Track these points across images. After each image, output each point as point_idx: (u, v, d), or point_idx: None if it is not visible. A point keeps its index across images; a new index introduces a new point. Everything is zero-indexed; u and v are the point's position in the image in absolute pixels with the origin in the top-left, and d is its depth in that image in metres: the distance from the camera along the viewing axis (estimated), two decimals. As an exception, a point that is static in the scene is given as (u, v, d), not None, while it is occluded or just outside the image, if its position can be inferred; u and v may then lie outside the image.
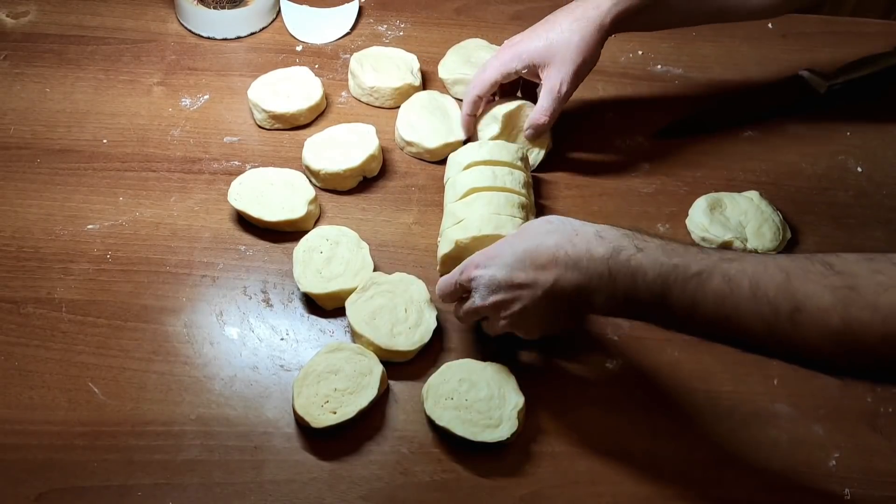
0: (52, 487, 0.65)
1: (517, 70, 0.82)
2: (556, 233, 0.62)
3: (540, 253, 0.62)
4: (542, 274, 0.62)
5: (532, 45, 0.80)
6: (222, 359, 0.73)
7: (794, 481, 0.68)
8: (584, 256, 0.60)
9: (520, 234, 0.66)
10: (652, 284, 0.58)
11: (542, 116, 0.82)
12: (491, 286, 0.64)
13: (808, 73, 0.96)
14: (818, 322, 0.53)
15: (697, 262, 0.57)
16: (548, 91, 0.81)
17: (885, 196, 0.89)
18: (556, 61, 0.79)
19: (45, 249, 0.80)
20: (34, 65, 0.96)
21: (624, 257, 0.59)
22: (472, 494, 0.67)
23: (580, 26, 0.79)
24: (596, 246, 0.60)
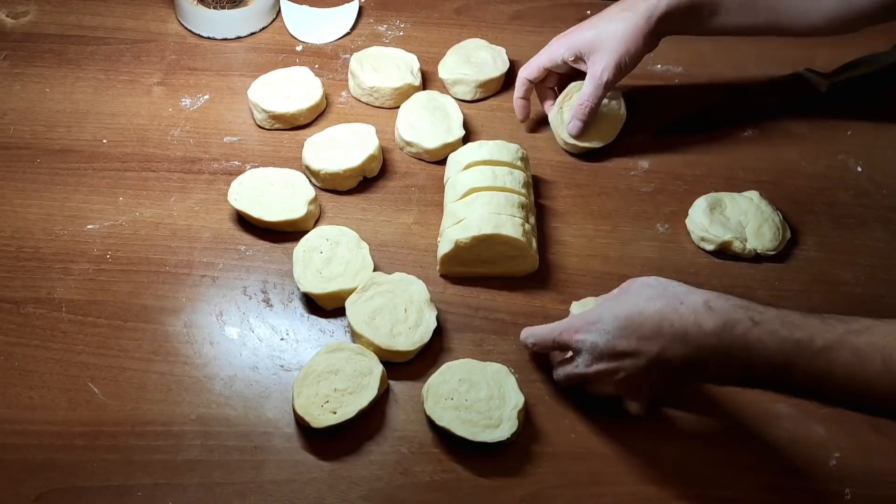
0: (52, 487, 0.65)
1: (564, 58, 0.84)
2: (660, 299, 0.60)
3: (643, 322, 0.60)
4: (646, 344, 0.60)
5: (580, 35, 0.83)
6: (222, 359, 0.73)
7: (795, 481, 0.68)
8: (691, 329, 0.58)
9: (620, 296, 0.64)
10: (772, 359, 0.56)
11: (583, 102, 0.84)
12: (594, 353, 0.63)
13: (809, 72, 0.96)
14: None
15: (822, 335, 0.56)
16: (590, 78, 0.82)
17: (885, 196, 0.89)
18: (601, 50, 0.81)
19: (44, 249, 0.80)
20: (34, 65, 0.96)
21: (739, 332, 0.57)
22: (472, 494, 0.67)
23: (627, 16, 0.80)
24: (705, 319, 0.58)
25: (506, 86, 0.96)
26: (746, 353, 0.57)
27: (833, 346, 0.55)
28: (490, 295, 0.78)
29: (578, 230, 0.84)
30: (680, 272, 0.81)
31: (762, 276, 0.80)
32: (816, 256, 0.83)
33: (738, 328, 0.57)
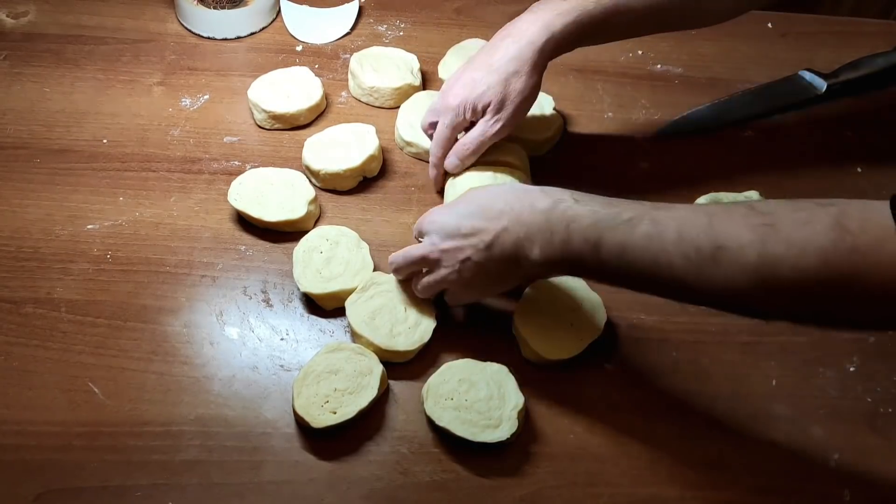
0: (51, 488, 0.65)
1: (467, 120, 0.78)
2: (509, 192, 0.66)
3: (491, 207, 0.65)
4: (489, 223, 0.64)
5: (476, 94, 0.76)
6: (222, 359, 0.73)
7: (794, 482, 0.68)
8: (526, 210, 0.63)
9: (477, 190, 0.69)
10: (586, 231, 0.60)
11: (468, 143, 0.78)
12: (441, 232, 0.67)
13: (808, 72, 0.96)
14: (737, 259, 0.54)
15: (630, 210, 0.59)
16: (482, 126, 0.77)
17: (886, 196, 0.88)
18: (501, 105, 0.76)
19: (44, 249, 0.80)
20: (33, 65, 0.96)
21: (562, 208, 0.62)
22: (472, 494, 0.67)
23: (518, 68, 0.74)
24: (538, 200, 0.63)
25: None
26: (565, 227, 0.61)
27: (637, 216, 0.59)
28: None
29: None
30: (680, 272, 0.81)
31: (762, 277, 0.80)
32: (816, 257, 0.83)
33: (561, 205, 0.62)
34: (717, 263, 0.55)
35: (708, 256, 0.55)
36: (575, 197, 0.62)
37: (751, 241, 0.54)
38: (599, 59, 1.00)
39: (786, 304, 0.56)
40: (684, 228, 0.57)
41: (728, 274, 0.55)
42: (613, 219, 0.59)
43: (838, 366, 0.75)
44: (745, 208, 0.56)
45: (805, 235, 0.52)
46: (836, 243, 0.51)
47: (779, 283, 0.53)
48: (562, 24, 0.74)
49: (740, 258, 0.54)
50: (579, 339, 0.73)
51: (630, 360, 0.75)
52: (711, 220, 0.56)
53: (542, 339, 0.72)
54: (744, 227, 0.54)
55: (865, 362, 0.75)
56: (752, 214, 0.55)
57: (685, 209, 0.59)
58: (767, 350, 0.76)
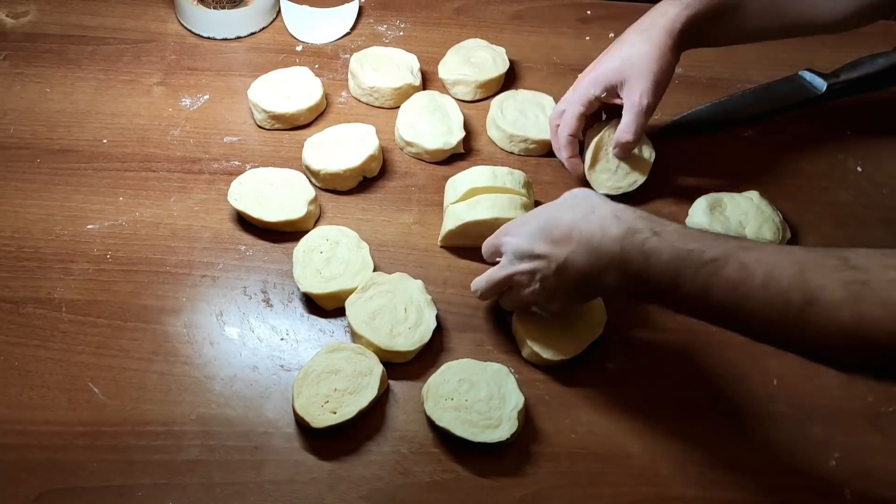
0: (52, 487, 0.65)
1: (596, 96, 0.80)
2: (575, 208, 0.64)
3: (557, 227, 0.64)
4: (556, 249, 0.63)
5: (606, 67, 0.79)
6: (222, 359, 0.73)
7: (795, 481, 0.68)
8: (597, 234, 0.61)
9: (547, 205, 0.68)
10: (665, 267, 0.58)
11: (626, 134, 0.80)
12: (515, 254, 0.67)
13: (808, 72, 0.96)
14: (829, 316, 0.53)
15: (713, 248, 0.57)
16: (629, 107, 0.79)
17: (886, 196, 0.89)
18: (633, 76, 0.77)
19: (44, 249, 0.80)
20: (34, 65, 0.96)
21: (639, 239, 0.59)
22: (472, 494, 0.67)
23: (649, 36, 0.77)
24: (611, 225, 0.61)
25: (505, 86, 0.96)
26: (643, 260, 0.59)
27: (721, 257, 0.56)
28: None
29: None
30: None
31: (762, 277, 0.80)
32: (816, 256, 0.83)
33: (638, 237, 0.60)
34: (807, 318, 0.53)
35: (797, 310, 0.53)
36: (653, 227, 0.60)
37: (844, 299, 0.52)
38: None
39: (876, 363, 0.55)
40: (773, 276, 0.54)
41: (817, 330, 0.54)
42: (696, 258, 0.57)
43: (838, 365, 0.75)
44: (837, 260, 0.54)
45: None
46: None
47: (872, 344, 0.52)
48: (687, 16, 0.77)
49: (832, 315, 0.52)
50: (579, 339, 0.73)
51: (630, 360, 0.75)
52: (802, 271, 0.54)
53: (542, 339, 0.72)
54: (836, 283, 0.52)
55: (865, 362, 0.75)
56: (844, 268, 0.53)
57: (772, 252, 0.56)
58: (768, 349, 0.75)
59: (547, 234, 0.64)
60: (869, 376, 0.59)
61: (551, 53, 1.01)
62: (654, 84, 0.77)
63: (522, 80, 0.98)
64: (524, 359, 0.74)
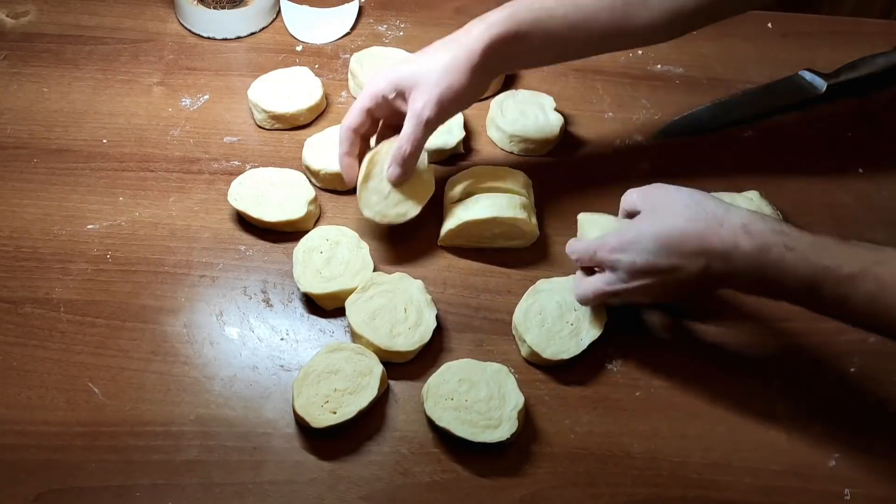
0: (51, 487, 0.65)
1: (385, 94, 0.74)
2: (700, 220, 0.64)
3: (685, 242, 0.64)
4: (689, 261, 0.64)
5: (401, 70, 0.74)
6: (222, 359, 0.73)
7: (795, 481, 0.68)
8: (731, 250, 0.62)
9: (658, 216, 0.66)
10: (801, 282, 0.61)
11: (401, 145, 0.74)
12: (632, 271, 0.66)
13: (808, 72, 0.96)
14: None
15: (850, 262, 0.60)
16: (410, 116, 0.73)
17: (886, 197, 0.89)
18: (421, 84, 0.72)
19: (43, 249, 0.79)
20: (32, 64, 0.96)
21: (774, 255, 0.61)
22: (472, 494, 0.67)
23: (448, 49, 0.73)
24: (744, 241, 0.62)
25: (505, 86, 0.96)
26: (779, 275, 0.62)
27: (858, 274, 0.59)
28: (490, 295, 0.78)
29: (578, 230, 0.84)
30: (680, 272, 0.81)
31: (762, 277, 0.80)
32: (816, 257, 0.83)
33: (773, 252, 0.61)
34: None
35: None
36: (786, 242, 0.61)
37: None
38: (599, 59, 1.00)
39: None
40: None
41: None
42: (832, 276, 0.60)
43: (839, 366, 0.75)
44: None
45: None
46: None
47: None
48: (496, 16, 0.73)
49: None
50: (579, 339, 0.73)
51: (630, 361, 0.75)
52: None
53: (542, 339, 0.72)
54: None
55: (866, 363, 0.75)
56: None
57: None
58: (769, 351, 0.76)
59: (673, 250, 0.64)
60: None
61: (551, 53, 1.01)
62: (439, 98, 0.72)
63: (522, 80, 0.98)
64: (524, 359, 0.74)
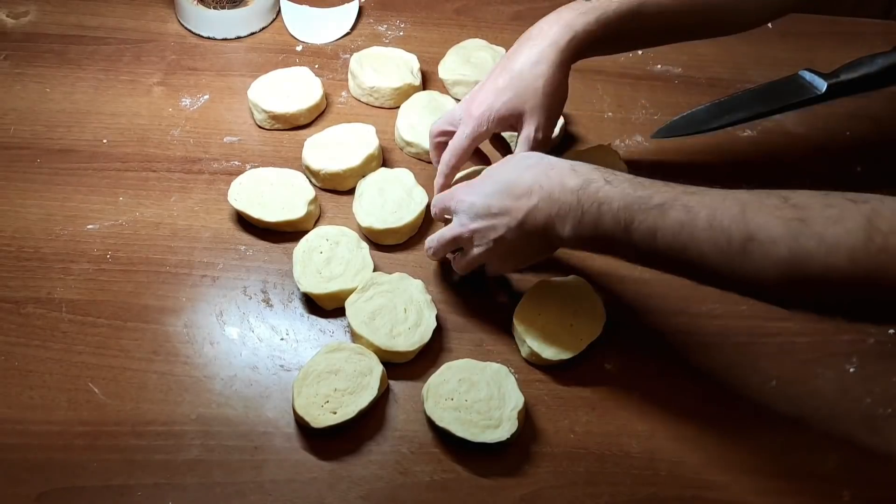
0: (53, 487, 0.65)
1: (490, 131, 0.75)
2: (535, 167, 0.66)
3: (518, 184, 0.65)
4: (518, 202, 0.65)
5: (499, 103, 0.73)
6: (222, 359, 0.73)
7: (793, 483, 0.68)
8: (556, 188, 0.63)
9: (499, 166, 0.69)
10: (617, 214, 0.61)
11: None
12: (470, 213, 0.68)
13: (808, 72, 0.96)
14: (768, 252, 0.55)
15: (661, 193, 0.60)
16: (524, 140, 0.74)
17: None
18: (527, 111, 0.73)
19: (45, 249, 0.80)
20: (34, 65, 0.96)
21: (593, 189, 0.62)
22: (472, 494, 0.67)
23: (541, 71, 0.72)
24: (568, 178, 0.63)
25: (506, 86, 0.96)
26: (597, 209, 0.61)
27: (668, 202, 0.59)
28: (490, 295, 0.78)
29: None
30: (679, 272, 0.81)
31: (762, 277, 0.80)
32: (816, 257, 0.83)
33: (593, 186, 0.62)
34: (747, 254, 0.55)
35: (738, 247, 0.56)
36: (606, 177, 0.62)
37: (782, 235, 0.54)
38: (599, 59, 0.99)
39: (813, 298, 0.57)
40: (715, 216, 0.57)
41: (758, 265, 0.55)
42: (645, 202, 0.60)
43: (837, 367, 0.75)
44: (778, 199, 0.56)
45: (836, 233, 0.53)
46: (866, 243, 0.52)
47: (808, 278, 0.54)
48: (584, 23, 0.73)
49: (771, 251, 0.54)
50: (579, 339, 0.73)
51: (630, 360, 0.75)
52: (744, 210, 0.56)
53: (542, 339, 0.72)
54: (776, 220, 0.55)
55: (864, 363, 0.75)
56: (784, 207, 0.55)
57: (716, 195, 0.59)
58: (767, 351, 0.76)
59: (507, 192, 0.65)
60: (808, 312, 0.61)
61: (551, 53, 1.01)
62: (548, 118, 0.74)
63: (522, 80, 0.98)
64: (524, 359, 0.74)
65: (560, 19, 0.74)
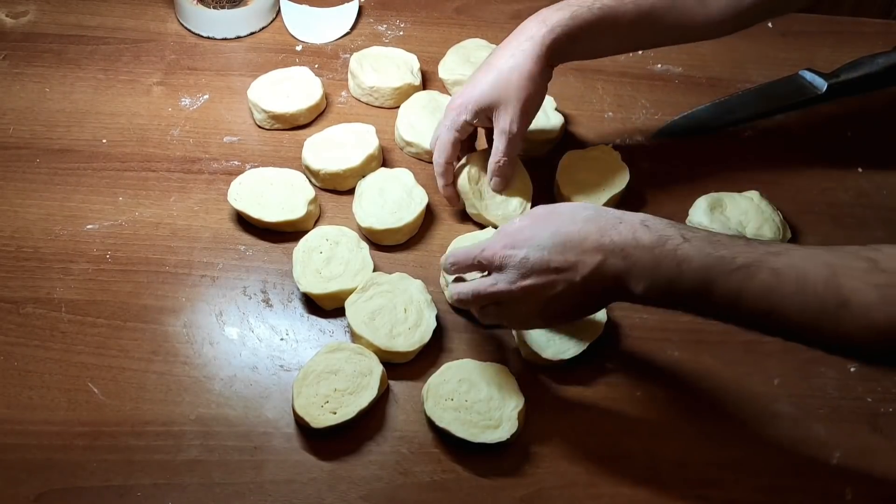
0: (52, 487, 0.65)
1: (468, 121, 0.77)
2: (598, 220, 0.62)
3: (582, 238, 0.61)
4: (583, 257, 0.61)
5: (476, 93, 0.76)
6: (222, 359, 0.73)
7: (795, 482, 0.68)
8: (629, 244, 0.60)
9: (552, 216, 0.64)
10: (696, 274, 0.58)
11: (499, 157, 0.78)
12: (523, 268, 0.62)
13: (808, 72, 0.96)
14: (862, 317, 0.54)
15: (744, 254, 0.58)
16: (499, 133, 0.76)
17: (886, 196, 0.89)
18: (503, 102, 0.75)
19: (44, 249, 0.80)
20: (34, 64, 0.96)
21: (670, 246, 0.59)
22: (472, 495, 0.67)
23: (517, 62, 0.74)
24: (642, 234, 0.60)
25: (506, 86, 0.96)
26: (674, 267, 0.59)
27: (752, 264, 0.57)
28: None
29: (578, 230, 0.84)
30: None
31: (762, 277, 0.80)
32: (816, 256, 0.83)
33: (670, 243, 0.59)
34: (839, 320, 0.55)
35: (831, 313, 0.55)
36: (682, 233, 0.60)
37: (876, 302, 0.54)
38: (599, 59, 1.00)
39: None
40: (806, 281, 0.56)
41: (851, 330, 0.55)
42: (727, 264, 0.58)
43: (839, 366, 0.75)
44: (867, 262, 0.55)
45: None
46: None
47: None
48: (559, 18, 0.74)
49: (865, 317, 0.54)
50: (579, 339, 0.73)
51: (630, 360, 0.75)
52: (834, 274, 0.55)
53: (542, 339, 0.72)
54: (868, 286, 0.54)
55: (866, 362, 0.75)
56: (875, 272, 0.55)
57: (801, 255, 0.57)
58: (769, 350, 0.76)
59: (568, 246, 0.61)
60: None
61: (551, 53, 1.01)
62: (522, 110, 0.75)
63: (522, 80, 0.98)
64: (524, 359, 0.74)
65: (538, 16, 0.76)
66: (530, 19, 0.76)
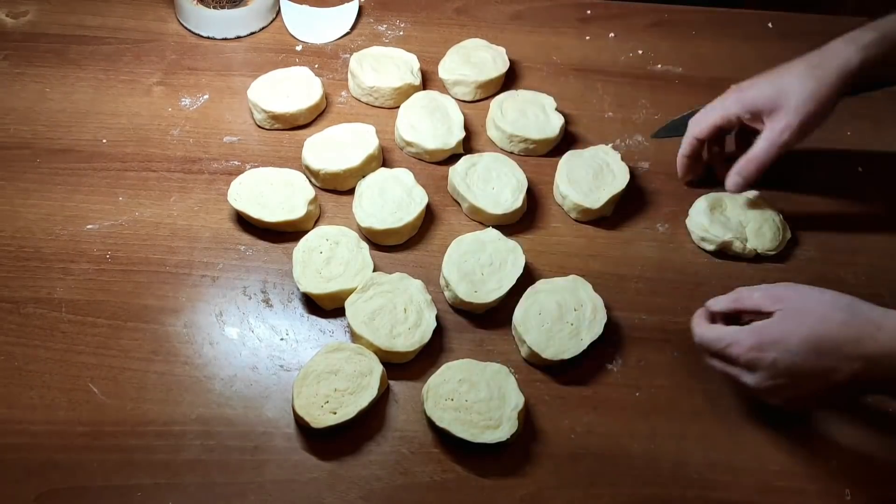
0: (52, 487, 0.65)
1: (738, 115, 0.76)
2: (855, 323, 0.61)
3: (840, 345, 0.60)
4: (842, 365, 0.61)
5: (759, 91, 0.74)
6: (222, 359, 0.73)
7: (795, 481, 0.68)
8: (887, 354, 0.59)
9: (803, 315, 0.62)
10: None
11: (751, 158, 0.75)
12: (772, 371, 0.63)
13: (810, 72, 0.96)
14: None
15: None
16: (766, 136, 0.74)
17: (886, 196, 0.89)
18: (785, 108, 0.72)
19: (45, 249, 0.80)
20: (34, 65, 0.96)
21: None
22: (472, 494, 0.67)
23: (818, 74, 0.72)
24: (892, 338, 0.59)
25: (505, 86, 0.96)
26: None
27: None
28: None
29: (579, 230, 0.84)
30: (680, 272, 0.81)
31: (762, 277, 0.80)
32: (816, 256, 0.83)
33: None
34: None
35: None
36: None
37: None
38: (599, 59, 1.00)
39: None
40: None
41: None
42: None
43: (838, 366, 0.75)
44: None
45: None
46: None
47: None
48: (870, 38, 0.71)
49: None
50: (579, 339, 0.73)
51: (630, 360, 0.75)
52: None
53: (542, 340, 0.72)
54: None
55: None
56: None
57: None
58: (767, 350, 0.76)
59: (824, 352, 0.61)
60: None
61: (551, 53, 1.01)
62: (801, 123, 0.72)
63: (522, 80, 0.98)
64: (524, 359, 0.74)
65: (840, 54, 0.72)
66: (837, 39, 0.73)
